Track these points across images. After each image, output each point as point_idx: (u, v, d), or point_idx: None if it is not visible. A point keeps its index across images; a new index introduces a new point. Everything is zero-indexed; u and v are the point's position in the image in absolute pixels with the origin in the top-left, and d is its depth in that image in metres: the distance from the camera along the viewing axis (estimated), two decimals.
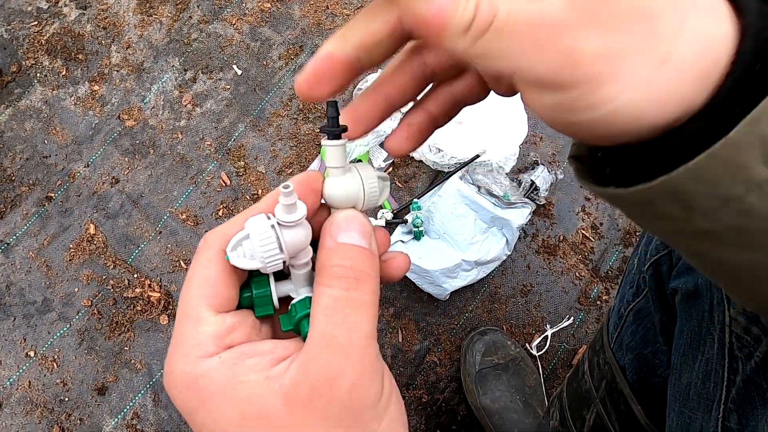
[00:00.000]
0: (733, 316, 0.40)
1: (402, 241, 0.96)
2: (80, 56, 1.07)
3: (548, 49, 0.17)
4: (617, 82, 0.17)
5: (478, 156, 0.95)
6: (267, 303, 0.25)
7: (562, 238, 1.01)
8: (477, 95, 0.27)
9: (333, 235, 0.24)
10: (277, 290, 0.26)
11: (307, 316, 0.24)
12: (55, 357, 0.92)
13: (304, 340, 0.23)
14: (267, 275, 0.26)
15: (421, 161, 1.00)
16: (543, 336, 0.96)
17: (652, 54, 0.17)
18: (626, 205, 0.21)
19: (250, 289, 0.25)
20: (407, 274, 0.95)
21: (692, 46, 0.17)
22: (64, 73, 1.06)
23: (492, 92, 0.27)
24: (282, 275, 0.27)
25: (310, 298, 0.25)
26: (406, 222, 0.95)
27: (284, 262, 0.24)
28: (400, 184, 1.02)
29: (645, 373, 0.57)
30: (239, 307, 0.25)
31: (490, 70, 0.19)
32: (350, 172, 0.26)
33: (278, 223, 0.24)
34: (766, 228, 0.18)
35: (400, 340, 0.96)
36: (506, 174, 0.97)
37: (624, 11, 0.17)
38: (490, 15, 0.17)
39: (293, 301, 0.26)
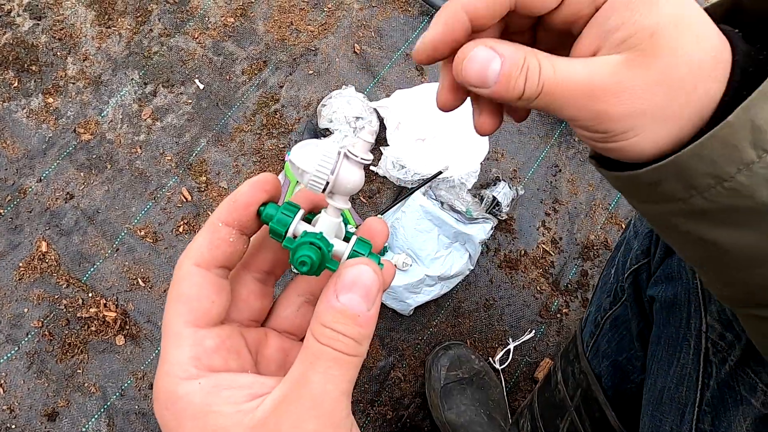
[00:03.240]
0: (709, 323, 0.42)
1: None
2: (33, 67, 1.04)
3: (586, 111, 0.23)
4: (634, 134, 0.23)
5: (440, 172, 0.97)
6: (284, 227, 0.26)
7: (523, 252, 1.03)
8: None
9: (337, 291, 0.24)
10: (296, 228, 0.26)
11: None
12: (2, 382, 0.88)
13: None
14: (297, 208, 0.26)
15: (384, 177, 1.01)
16: (506, 350, 0.98)
17: (666, 113, 0.22)
18: (637, 188, 0.25)
19: (275, 208, 0.26)
20: None
21: (697, 106, 0.22)
22: (15, 84, 1.02)
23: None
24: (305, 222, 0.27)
25: (361, 239, 0.26)
26: None
27: (324, 190, 0.25)
28: (364, 200, 1.02)
29: (619, 380, 0.59)
30: (260, 217, 0.26)
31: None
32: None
33: (346, 154, 0.25)
34: (752, 206, 0.22)
35: (365, 356, 0.95)
36: (468, 190, 0.99)
37: (653, 80, 0.22)
38: (539, 87, 0.22)
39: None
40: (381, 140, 1.04)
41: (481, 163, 1.04)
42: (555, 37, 0.26)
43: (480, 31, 0.25)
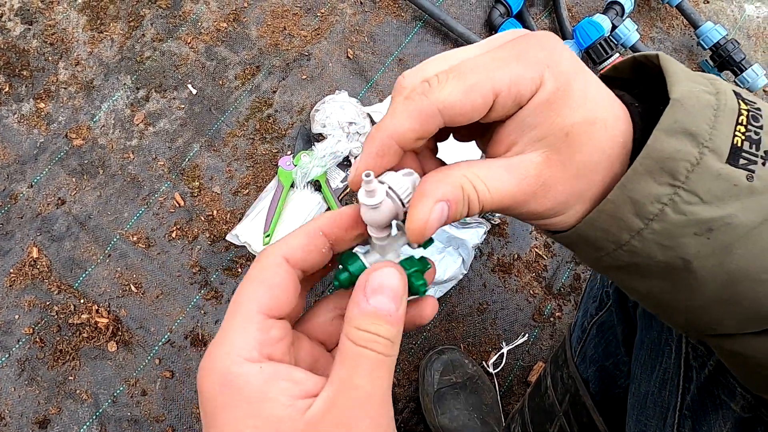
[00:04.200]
0: None
1: None
2: (25, 72, 1.03)
3: (519, 211, 0.26)
4: (559, 216, 0.26)
5: None
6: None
7: (516, 256, 1.04)
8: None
9: (366, 294, 0.25)
10: (366, 261, 0.28)
11: (417, 271, 0.27)
12: None
13: (415, 294, 0.26)
14: (354, 253, 0.28)
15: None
16: (499, 354, 0.98)
17: (584, 196, 0.26)
18: (567, 246, 0.29)
19: (344, 269, 0.27)
20: None
21: (610, 185, 0.25)
22: (6, 89, 1.01)
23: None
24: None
25: (413, 258, 0.28)
26: None
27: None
28: None
29: (606, 385, 0.59)
30: (336, 287, 0.27)
31: None
32: (384, 200, 0.26)
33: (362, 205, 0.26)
34: (649, 263, 0.25)
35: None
36: None
37: (572, 174, 0.25)
38: (479, 208, 0.25)
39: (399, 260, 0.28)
40: None
41: None
42: (469, 127, 0.29)
43: (411, 151, 0.27)
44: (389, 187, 0.26)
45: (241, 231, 0.96)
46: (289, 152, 1.03)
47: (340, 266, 0.27)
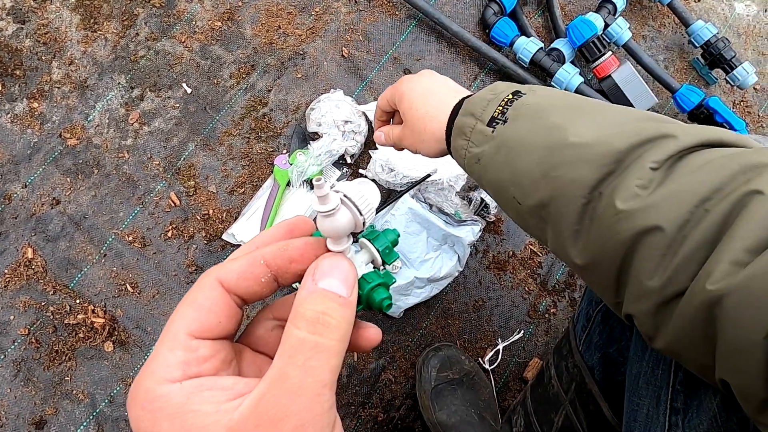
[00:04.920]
0: None
1: None
2: (18, 72, 1.02)
3: (398, 146, 0.66)
4: (419, 149, 0.60)
5: (429, 175, 0.97)
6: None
7: (511, 253, 1.04)
8: None
9: (315, 279, 0.25)
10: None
11: (381, 285, 0.27)
12: None
13: (379, 309, 0.27)
14: None
15: (374, 180, 1.01)
16: (495, 350, 0.99)
17: (417, 138, 0.60)
18: (451, 152, 0.56)
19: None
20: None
21: (436, 135, 0.56)
22: None
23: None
24: None
25: (377, 271, 0.28)
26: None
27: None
28: None
29: (610, 372, 0.60)
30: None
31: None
32: (339, 208, 0.25)
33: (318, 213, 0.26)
34: (487, 155, 0.47)
35: (356, 359, 0.96)
36: (457, 192, 1.00)
37: (414, 128, 0.60)
38: (390, 142, 0.69)
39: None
40: (370, 143, 1.05)
41: None
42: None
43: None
44: (344, 195, 0.25)
45: (237, 230, 0.96)
46: (284, 151, 1.03)
47: None
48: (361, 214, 0.26)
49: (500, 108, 0.46)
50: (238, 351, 0.28)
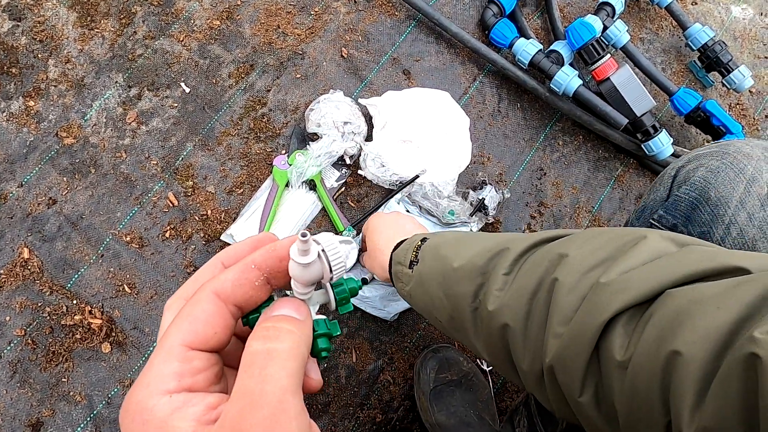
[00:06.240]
0: None
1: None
2: (13, 70, 1.01)
3: (366, 262, 0.85)
4: (376, 273, 0.78)
5: (417, 176, 0.98)
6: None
7: None
8: None
9: (267, 313, 0.27)
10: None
11: (325, 335, 0.28)
12: None
13: (315, 356, 0.28)
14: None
15: (372, 182, 1.01)
16: None
17: (371, 262, 0.79)
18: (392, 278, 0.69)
19: (256, 311, 0.28)
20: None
21: (383, 266, 0.72)
22: None
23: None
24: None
25: (326, 320, 0.29)
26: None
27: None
28: (352, 204, 1.03)
29: None
30: (244, 324, 0.28)
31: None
32: (314, 262, 0.27)
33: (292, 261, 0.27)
34: (414, 289, 0.59)
35: (354, 360, 0.96)
36: (457, 191, 1.00)
37: (369, 254, 0.81)
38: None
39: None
40: (369, 139, 1.05)
41: (468, 166, 1.05)
42: None
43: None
44: (322, 249, 0.27)
45: (236, 231, 0.95)
46: (283, 151, 1.03)
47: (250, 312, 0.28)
48: (331, 270, 0.27)
49: (414, 252, 0.60)
50: (227, 368, 0.29)
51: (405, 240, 0.67)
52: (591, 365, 0.37)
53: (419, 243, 0.61)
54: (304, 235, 0.25)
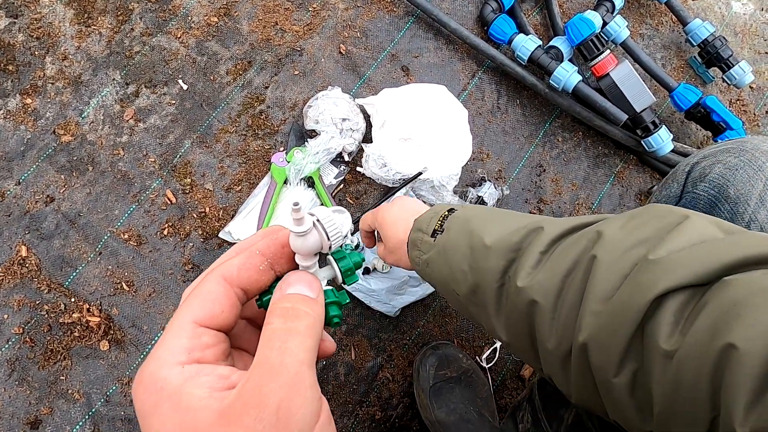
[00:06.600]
0: None
1: None
2: (10, 67, 1.01)
3: (388, 258, 0.74)
4: (400, 266, 0.73)
5: (420, 173, 0.97)
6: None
7: None
8: None
9: (282, 290, 0.28)
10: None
11: (334, 303, 0.30)
12: None
13: (328, 324, 0.29)
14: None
15: (371, 179, 1.01)
16: (492, 348, 0.99)
17: (396, 256, 0.71)
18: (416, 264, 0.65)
19: (267, 291, 0.30)
20: (355, 294, 0.95)
21: (405, 255, 0.67)
22: None
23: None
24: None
25: (334, 290, 0.30)
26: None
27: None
28: (351, 201, 1.02)
29: None
30: (259, 306, 0.30)
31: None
32: (311, 230, 0.28)
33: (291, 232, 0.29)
34: (433, 258, 0.58)
35: (353, 357, 0.95)
36: (455, 190, 1.00)
37: (391, 249, 0.71)
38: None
39: None
40: (367, 138, 1.04)
41: (467, 163, 1.05)
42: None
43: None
44: (317, 219, 0.28)
45: (234, 228, 0.95)
46: (281, 148, 1.02)
47: (263, 292, 0.30)
48: (328, 238, 0.29)
49: (439, 222, 0.59)
50: (235, 349, 0.30)
51: (423, 214, 0.65)
52: (632, 345, 0.35)
53: (446, 213, 0.60)
54: (296, 204, 0.26)
